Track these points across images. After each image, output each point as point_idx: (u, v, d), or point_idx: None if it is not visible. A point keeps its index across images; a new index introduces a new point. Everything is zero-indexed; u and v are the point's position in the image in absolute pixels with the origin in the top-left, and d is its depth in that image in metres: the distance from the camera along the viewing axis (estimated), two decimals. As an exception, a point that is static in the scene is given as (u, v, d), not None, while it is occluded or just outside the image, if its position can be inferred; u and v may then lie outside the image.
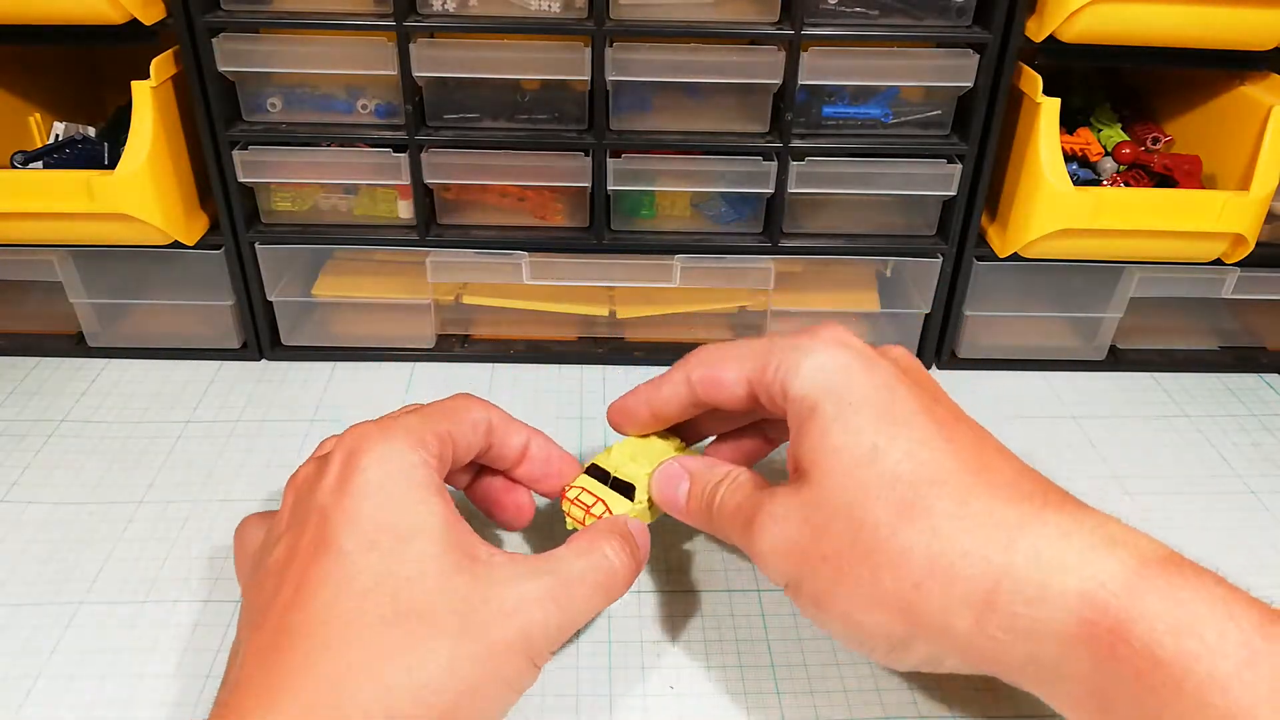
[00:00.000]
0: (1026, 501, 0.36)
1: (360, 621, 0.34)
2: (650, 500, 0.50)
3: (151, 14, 0.59)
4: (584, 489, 0.50)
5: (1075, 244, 0.64)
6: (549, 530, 0.56)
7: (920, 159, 0.65)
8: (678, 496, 0.45)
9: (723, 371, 0.44)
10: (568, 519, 0.50)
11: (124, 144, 0.60)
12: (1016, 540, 0.34)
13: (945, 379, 0.72)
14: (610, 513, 0.48)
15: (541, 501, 0.56)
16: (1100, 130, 0.72)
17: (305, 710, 0.32)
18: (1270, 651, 0.30)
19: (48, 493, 0.58)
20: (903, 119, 0.65)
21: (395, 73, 0.60)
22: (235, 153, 0.63)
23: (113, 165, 0.61)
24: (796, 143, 0.64)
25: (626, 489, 0.50)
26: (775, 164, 0.64)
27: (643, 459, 0.51)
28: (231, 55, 0.60)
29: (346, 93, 0.64)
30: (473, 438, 0.44)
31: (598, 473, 0.51)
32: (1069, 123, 0.71)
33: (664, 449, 0.52)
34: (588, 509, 0.49)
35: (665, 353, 0.73)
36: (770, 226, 0.67)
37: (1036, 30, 0.60)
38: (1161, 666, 0.30)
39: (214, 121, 0.62)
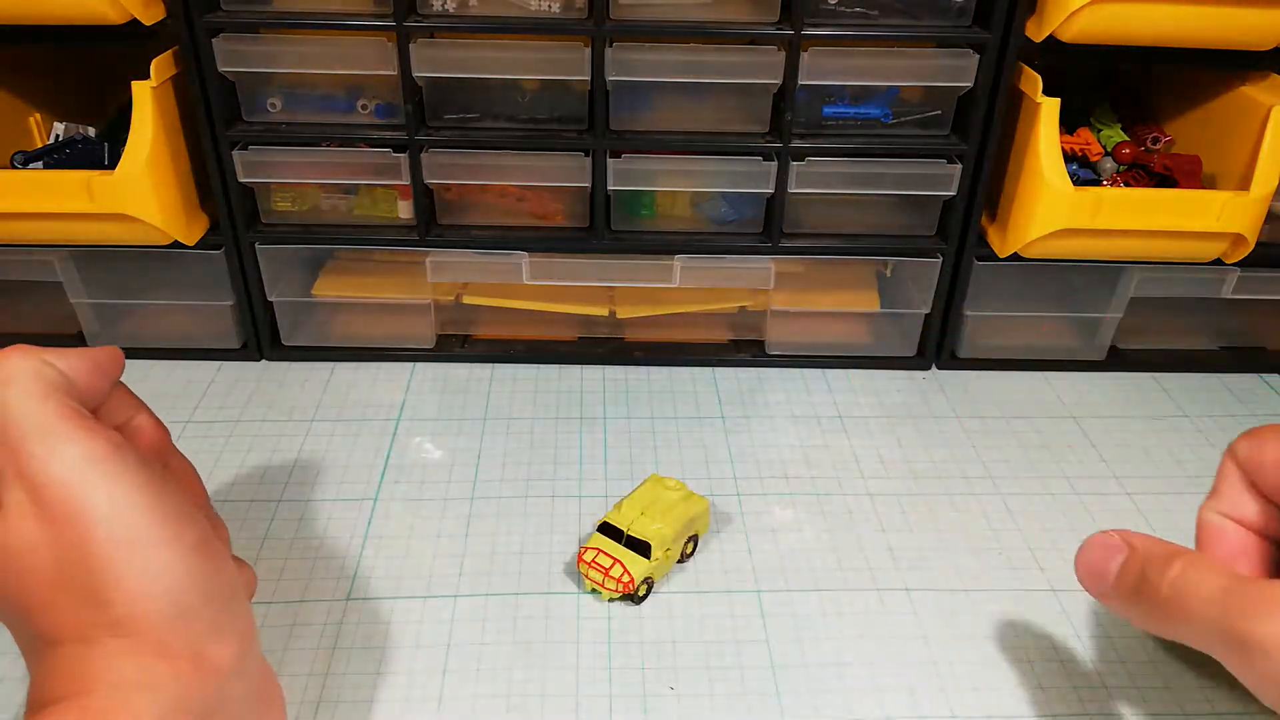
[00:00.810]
0: None
1: None
2: (666, 555, 0.51)
3: (151, 14, 0.59)
4: (600, 550, 0.50)
5: (1075, 244, 0.64)
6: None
7: (920, 159, 0.65)
8: (1107, 570, 0.37)
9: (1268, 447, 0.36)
10: (586, 581, 0.51)
11: (124, 144, 0.60)
12: None
13: (945, 379, 0.72)
14: (628, 573, 0.49)
15: (566, 560, 0.56)
16: (1100, 130, 0.72)
17: None
18: None
19: (48, 493, 0.57)
20: (903, 119, 0.65)
21: (395, 73, 0.60)
22: (235, 153, 0.63)
23: (113, 165, 0.61)
24: (796, 143, 0.64)
25: (641, 547, 0.50)
26: (775, 164, 0.64)
27: (653, 513, 0.51)
28: (232, 55, 0.60)
29: (346, 93, 0.64)
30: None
31: (610, 531, 0.51)
32: (1069, 123, 0.71)
33: (674, 500, 0.53)
34: (606, 571, 0.50)
35: (665, 353, 0.73)
36: (770, 226, 0.67)
37: (1036, 30, 0.60)
38: None
39: (214, 122, 0.62)
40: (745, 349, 0.73)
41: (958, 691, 0.46)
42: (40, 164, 0.66)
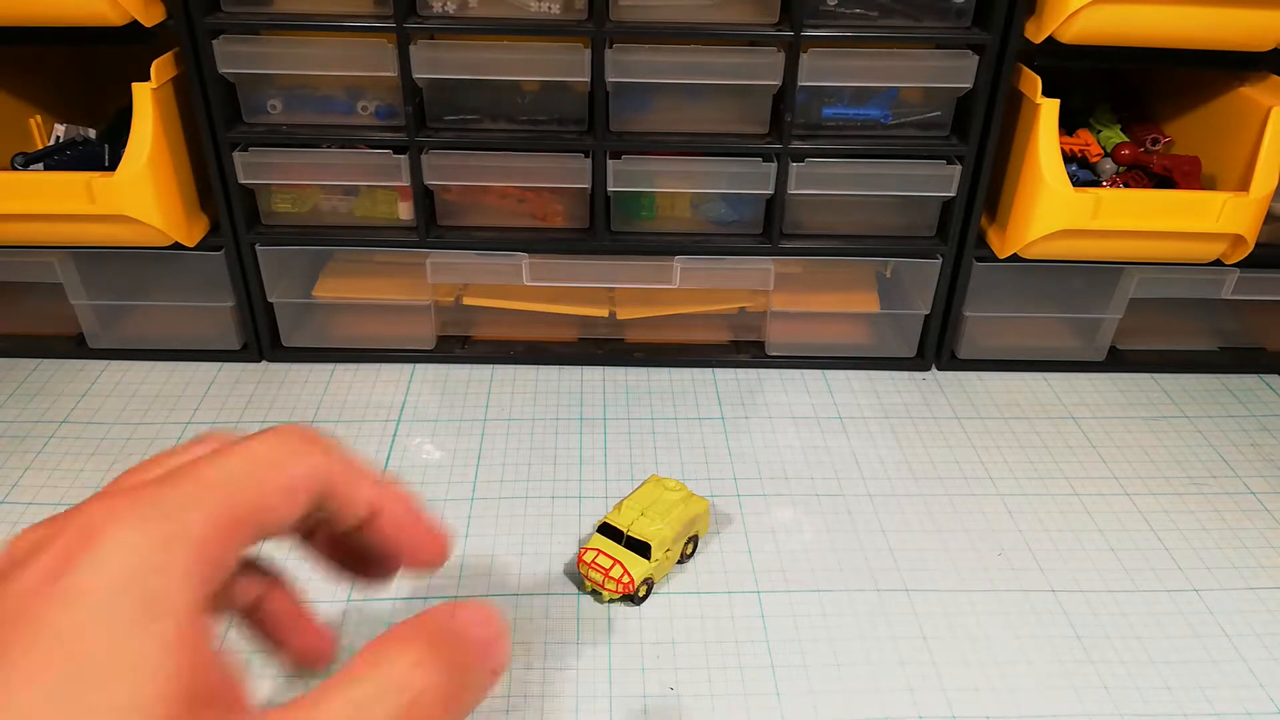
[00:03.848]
0: None
1: None
2: (666, 555, 0.51)
3: (152, 16, 0.59)
4: (600, 551, 0.51)
5: (1075, 245, 0.64)
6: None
7: (920, 160, 0.65)
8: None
9: None
10: (586, 582, 0.51)
11: (124, 146, 0.60)
12: None
13: (945, 380, 0.72)
14: (628, 574, 0.49)
15: (566, 561, 0.56)
16: (1100, 131, 0.72)
17: None
18: None
19: (49, 494, 0.58)
20: (902, 120, 0.65)
21: (395, 74, 0.60)
22: (236, 154, 0.64)
23: (113, 167, 0.61)
24: (796, 144, 0.64)
25: (641, 547, 0.50)
26: (775, 165, 0.64)
27: (653, 514, 0.52)
28: (232, 57, 0.60)
29: (347, 94, 0.64)
30: (285, 509, 0.25)
31: (610, 531, 0.52)
32: (1068, 124, 0.71)
33: (674, 501, 0.53)
34: (606, 572, 0.50)
35: (665, 354, 0.73)
36: (770, 227, 0.67)
37: (1036, 31, 0.60)
38: None
39: (214, 123, 0.62)
40: (745, 350, 0.73)
41: (958, 691, 0.46)
42: (41, 165, 0.66)
